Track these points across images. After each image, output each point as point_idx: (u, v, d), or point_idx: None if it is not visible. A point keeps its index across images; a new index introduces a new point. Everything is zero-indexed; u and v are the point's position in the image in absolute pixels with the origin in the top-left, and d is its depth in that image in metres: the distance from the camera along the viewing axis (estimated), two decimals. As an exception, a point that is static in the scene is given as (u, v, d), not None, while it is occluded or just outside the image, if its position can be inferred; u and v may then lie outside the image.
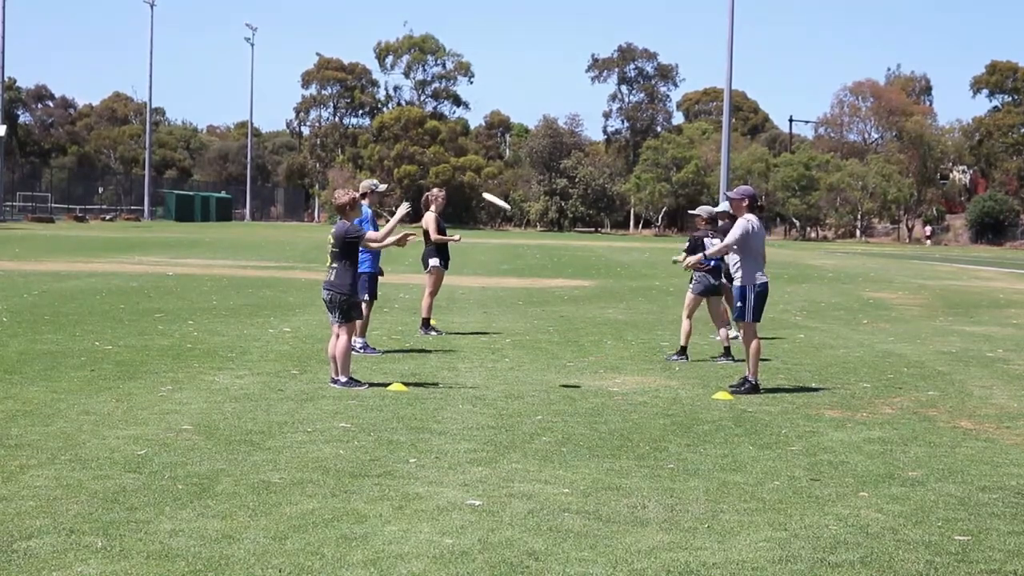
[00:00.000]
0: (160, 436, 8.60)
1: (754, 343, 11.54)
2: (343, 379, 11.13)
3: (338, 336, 11.24)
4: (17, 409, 9.52)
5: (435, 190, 16.35)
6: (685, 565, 5.84)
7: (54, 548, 5.85)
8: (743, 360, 13.78)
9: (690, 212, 15.46)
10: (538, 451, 8.48)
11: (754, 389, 11.44)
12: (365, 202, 13.78)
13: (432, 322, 16.11)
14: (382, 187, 14.11)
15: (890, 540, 6.39)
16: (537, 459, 8.20)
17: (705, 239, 14.14)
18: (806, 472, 8.02)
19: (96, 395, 10.28)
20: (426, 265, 15.97)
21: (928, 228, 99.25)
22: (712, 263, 14.03)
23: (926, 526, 6.71)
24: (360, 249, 12.98)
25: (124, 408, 9.70)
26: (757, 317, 11.58)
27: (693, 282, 14.23)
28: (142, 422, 9.13)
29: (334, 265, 11.29)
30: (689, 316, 14.19)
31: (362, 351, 13.44)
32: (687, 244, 14.49)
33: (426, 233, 15.83)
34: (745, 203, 11.74)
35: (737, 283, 11.66)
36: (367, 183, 14.00)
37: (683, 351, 14.03)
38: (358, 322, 13.10)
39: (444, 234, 15.88)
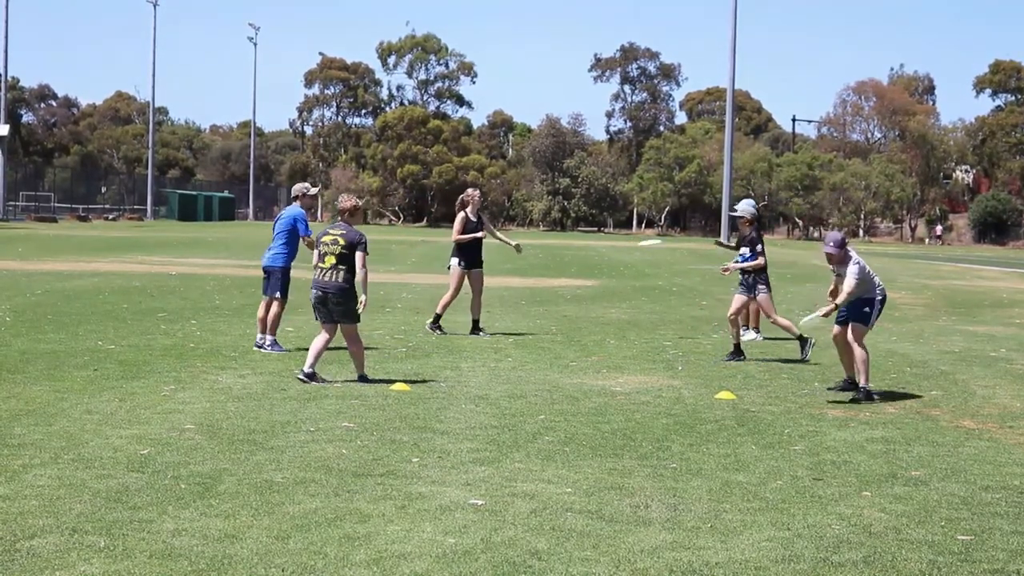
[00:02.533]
0: (163, 435, 8.61)
1: (862, 349, 11.43)
2: (362, 373, 11.45)
3: (329, 336, 11.39)
4: (20, 408, 9.53)
5: (470, 190, 16.45)
6: (688, 565, 5.84)
7: (57, 547, 5.86)
8: (751, 360, 13.79)
9: (730, 213, 15.33)
10: (541, 451, 8.48)
11: (869, 396, 11.21)
12: (298, 203, 13.90)
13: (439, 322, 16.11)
14: (313, 190, 14.23)
15: (893, 540, 6.39)
16: (540, 459, 8.20)
17: (756, 242, 14.15)
18: (809, 472, 8.02)
19: (99, 394, 10.29)
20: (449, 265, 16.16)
21: (939, 228, 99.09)
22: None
23: (929, 526, 6.70)
24: (284, 242, 13.86)
25: (127, 408, 9.71)
26: (872, 324, 11.51)
27: (758, 286, 14.12)
28: (145, 421, 9.13)
29: (340, 267, 11.30)
30: (775, 321, 14.23)
31: (271, 348, 13.61)
32: (741, 244, 14.30)
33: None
34: None
35: (865, 295, 11.43)
36: (301, 186, 14.05)
37: (805, 342, 13.98)
38: (270, 319, 13.69)
39: (477, 231, 15.88)
